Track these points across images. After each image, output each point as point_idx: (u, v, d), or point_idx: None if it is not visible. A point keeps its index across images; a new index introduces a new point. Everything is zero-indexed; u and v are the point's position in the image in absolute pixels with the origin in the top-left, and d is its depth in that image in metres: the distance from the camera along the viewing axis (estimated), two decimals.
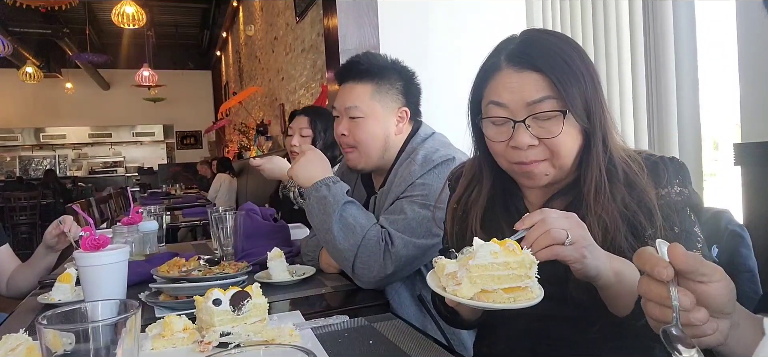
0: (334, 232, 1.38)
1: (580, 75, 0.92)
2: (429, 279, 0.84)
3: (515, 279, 0.76)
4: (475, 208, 1.06)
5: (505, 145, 0.96)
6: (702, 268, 0.63)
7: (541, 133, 0.93)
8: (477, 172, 1.09)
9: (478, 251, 0.76)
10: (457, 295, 0.77)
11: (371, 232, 1.39)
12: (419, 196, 1.42)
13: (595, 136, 0.94)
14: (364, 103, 1.54)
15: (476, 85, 1.01)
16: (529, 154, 0.94)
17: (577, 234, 0.79)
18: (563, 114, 0.91)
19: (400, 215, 1.41)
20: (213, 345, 0.93)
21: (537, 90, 0.92)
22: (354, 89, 1.56)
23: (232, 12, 8.98)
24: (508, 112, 0.94)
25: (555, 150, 0.93)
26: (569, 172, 0.98)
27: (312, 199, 1.44)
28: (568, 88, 0.91)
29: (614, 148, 0.95)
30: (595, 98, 0.94)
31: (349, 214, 1.41)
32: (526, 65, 0.93)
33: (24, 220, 8.63)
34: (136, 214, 1.83)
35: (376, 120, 1.55)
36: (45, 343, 0.60)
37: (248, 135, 7.51)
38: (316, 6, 3.90)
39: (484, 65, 1.00)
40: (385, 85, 1.56)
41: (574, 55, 0.94)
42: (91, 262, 1.13)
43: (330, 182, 1.44)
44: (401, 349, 0.91)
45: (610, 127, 0.96)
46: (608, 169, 0.95)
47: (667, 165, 0.96)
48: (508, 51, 0.96)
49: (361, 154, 1.58)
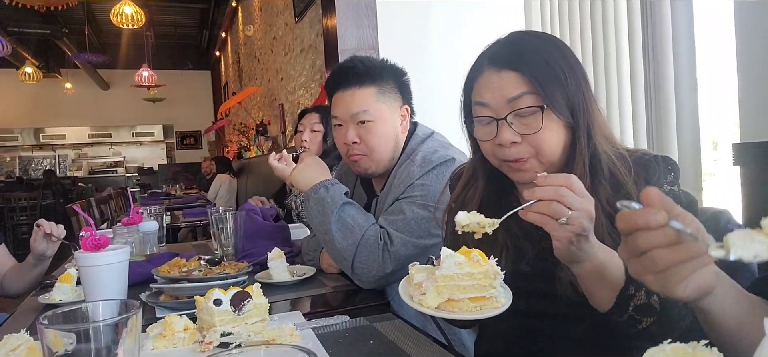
0: (332, 232, 1.39)
1: (560, 71, 0.95)
2: (401, 287, 0.85)
3: (480, 289, 0.78)
4: (470, 206, 1.08)
5: (492, 144, 0.99)
6: (676, 209, 0.62)
7: (523, 130, 0.95)
8: (473, 172, 1.12)
9: (444, 261, 0.78)
10: (421, 305, 0.78)
11: (369, 231, 1.40)
12: (418, 197, 1.42)
13: (579, 132, 0.96)
14: (372, 106, 1.51)
15: (465, 88, 1.05)
16: (513, 151, 0.97)
17: (579, 220, 0.77)
18: (541, 109, 0.93)
19: (399, 215, 1.41)
20: (214, 345, 0.93)
21: (515, 87, 0.95)
22: (357, 94, 1.52)
23: (231, 12, 8.97)
24: (491, 110, 0.98)
25: (538, 146, 0.96)
26: (558, 167, 0.99)
27: (311, 201, 1.45)
28: (546, 84, 0.93)
29: (600, 144, 0.97)
30: (578, 94, 0.96)
31: (347, 215, 1.42)
32: (505, 65, 0.96)
33: (24, 220, 8.64)
34: (137, 215, 1.83)
35: (385, 122, 1.53)
36: (46, 343, 0.60)
37: (248, 135, 7.51)
38: (315, 6, 3.90)
39: (471, 69, 1.04)
40: (386, 85, 1.55)
41: (554, 53, 0.97)
42: (91, 262, 1.13)
43: (328, 184, 1.45)
44: (402, 349, 0.92)
45: (596, 123, 0.98)
46: (592, 165, 0.96)
47: (659, 163, 0.98)
48: (490, 53, 1.00)
49: (372, 159, 1.55)
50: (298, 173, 1.50)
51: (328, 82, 1.62)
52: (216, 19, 10.43)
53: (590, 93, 0.99)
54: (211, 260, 1.46)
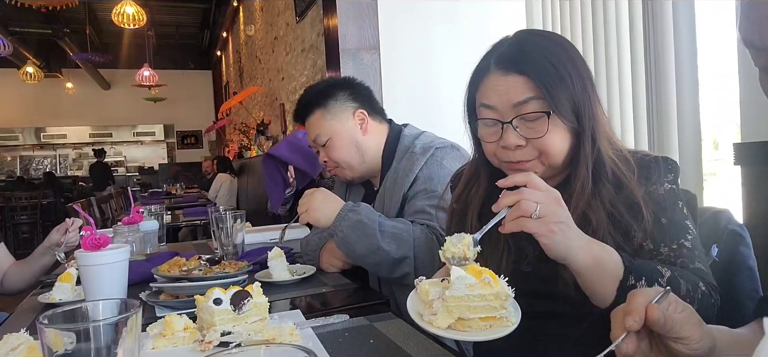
0: (384, 247, 1.37)
1: (566, 75, 0.94)
2: (409, 304, 0.85)
3: (491, 310, 0.78)
4: (473, 205, 1.09)
5: (496, 145, 0.99)
6: (682, 332, 0.63)
7: (528, 134, 0.95)
8: (474, 171, 1.12)
9: (454, 283, 0.78)
10: (432, 325, 0.79)
11: (416, 231, 1.42)
12: (427, 192, 1.48)
13: (584, 136, 0.96)
14: (322, 128, 1.64)
15: (470, 87, 1.05)
16: (517, 154, 0.97)
17: (549, 209, 0.81)
18: (548, 114, 0.93)
19: (424, 214, 1.47)
20: (214, 344, 0.93)
21: (522, 92, 0.94)
22: (309, 123, 1.67)
23: (232, 12, 8.97)
24: (496, 113, 0.97)
25: (543, 149, 0.96)
26: (561, 170, 1.00)
27: (344, 229, 1.40)
28: (553, 89, 0.93)
29: (603, 147, 0.97)
30: (583, 98, 0.96)
31: (388, 226, 1.41)
32: (512, 68, 0.96)
33: (24, 219, 8.64)
34: (137, 214, 1.84)
35: (339, 135, 1.64)
36: (46, 343, 0.60)
37: (249, 135, 7.51)
38: (316, 6, 3.90)
39: (476, 68, 1.03)
40: (330, 102, 1.64)
41: (562, 55, 0.96)
42: (91, 261, 1.13)
43: (354, 207, 1.43)
44: (402, 349, 0.92)
45: (601, 126, 0.98)
46: (596, 168, 0.97)
47: (660, 163, 0.99)
48: (497, 54, 0.99)
49: (344, 169, 1.68)
50: (315, 212, 1.45)
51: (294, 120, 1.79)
52: (217, 18, 10.43)
53: (595, 95, 0.99)
54: (211, 259, 1.46)
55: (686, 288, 0.86)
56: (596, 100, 0.99)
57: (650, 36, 2.03)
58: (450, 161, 1.53)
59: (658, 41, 1.99)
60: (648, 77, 2.05)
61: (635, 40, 2.11)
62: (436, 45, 3.02)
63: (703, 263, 0.95)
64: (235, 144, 8.84)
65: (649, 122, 2.06)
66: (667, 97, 1.97)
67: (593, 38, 2.33)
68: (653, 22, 2.01)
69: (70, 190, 10.82)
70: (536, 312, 0.96)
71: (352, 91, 1.67)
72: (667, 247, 0.94)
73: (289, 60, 5.25)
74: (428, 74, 3.01)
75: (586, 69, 0.99)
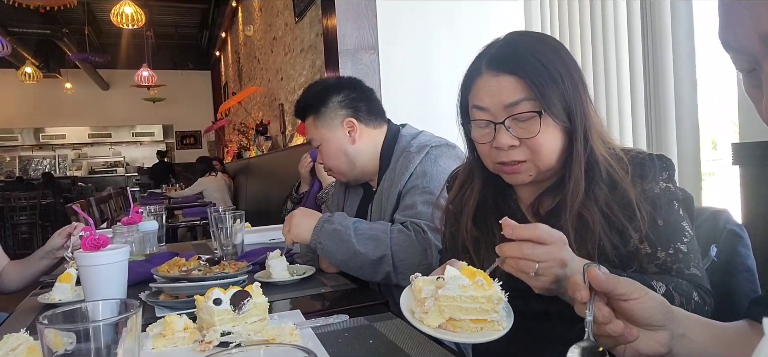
0: (360, 250, 1.40)
1: (558, 75, 0.95)
2: (402, 300, 0.85)
3: (482, 312, 0.78)
4: (467, 207, 1.09)
5: (490, 147, 1.00)
6: (619, 288, 0.67)
7: (520, 134, 0.96)
8: (469, 172, 1.12)
9: (448, 283, 0.78)
10: (422, 323, 0.79)
11: (393, 230, 1.43)
12: (420, 189, 1.48)
13: (576, 135, 0.96)
14: (315, 134, 1.68)
15: (462, 89, 1.05)
16: (510, 154, 0.97)
17: (549, 266, 0.79)
18: (539, 114, 0.94)
19: (413, 209, 1.47)
20: (213, 344, 0.93)
21: (513, 92, 0.95)
22: (305, 126, 1.72)
23: (231, 12, 8.96)
24: (489, 114, 0.98)
25: (535, 149, 0.96)
26: (555, 170, 1.00)
27: (322, 240, 1.44)
28: (544, 89, 0.94)
29: (597, 147, 0.97)
30: (575, 98, 0.96)
31: (364, 228, 1.44)
32: (503, 69, 0.96)
33: (24, 220, 8.63)
34: (136, 214, 1.84)
35: (328, 142, 1.66)
36: (46, 343, 0.60)
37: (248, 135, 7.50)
38: (315, 6, 3.90)
39: (468, 70, 1.04)
40: (321, 108, 1.65)
41: (552, 56, 0.97)
42: (91, 261, 1.13)
43: (329, 218, 1.47)
44: (401, 349, 0.92)
45: (593, 126, 0.98)
46: (589, 168, 0.97)
47: (655, 161, 0.99)
48: (489, 56, 1.00)
49: (336, 172, 1.72)
50: (295, 229, 1.49)
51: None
52: (216, 19, 10.42)
53: (587, 95, 1.00)
54: (210, 260, 1.46)
55: (679, 301, 0.87)
56: (588, 99, 1.00)
57: (648, 36, 2.03)
58: (445, 160, 1.53)
59: (656, 41, 2.00)
60: (646, 77, 2.06)
61: (633, 40, 2.11)
62: (435, 45, 3.02)
63: (698, 267, 0.95)
64: (235, 144, 8.83)
65: (647, 122, 2.07)
66: (665, 97, 1.97)
67: (592, 39, 2.33)
68: (651, 22, 2.02)
69: (70, 191, 10.81)
70: (534, 312, 0.97)
71: (346, 95, 1.66)
72: (664, 252, 0.95)
73: (288, 60, 5.25)
74: (427, 75, 3.01)
75: (576, 69, 1.00)
